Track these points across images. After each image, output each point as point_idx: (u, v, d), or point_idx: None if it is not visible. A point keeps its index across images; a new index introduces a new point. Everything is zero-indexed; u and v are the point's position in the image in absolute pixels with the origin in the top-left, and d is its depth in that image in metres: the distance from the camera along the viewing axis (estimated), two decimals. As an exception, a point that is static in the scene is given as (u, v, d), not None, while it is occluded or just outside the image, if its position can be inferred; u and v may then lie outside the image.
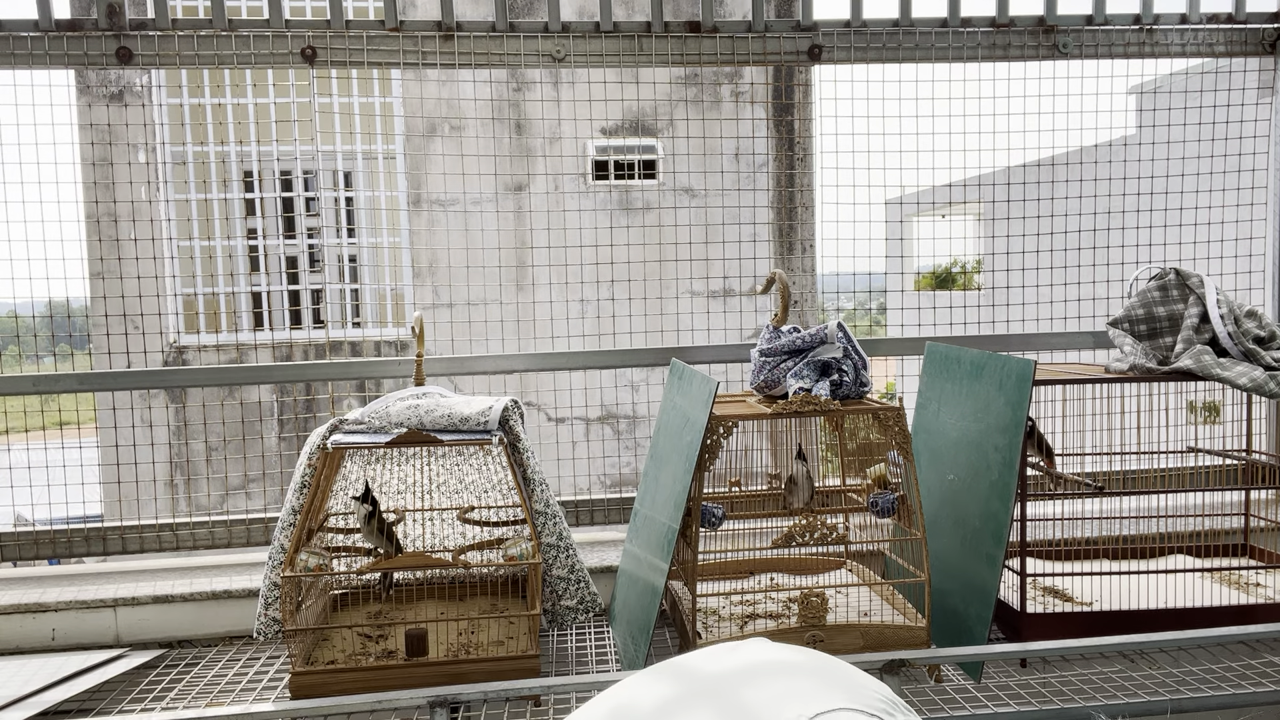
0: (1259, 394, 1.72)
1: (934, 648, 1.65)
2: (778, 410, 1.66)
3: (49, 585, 2.10)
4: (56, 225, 2.23)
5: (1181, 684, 1.59)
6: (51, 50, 2.04)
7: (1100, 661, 1.75)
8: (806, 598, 1.62)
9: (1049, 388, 1.83)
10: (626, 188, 5.53)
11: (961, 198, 2.72)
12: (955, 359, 1.88)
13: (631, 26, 2.19)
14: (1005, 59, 2.31)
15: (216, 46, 2.07)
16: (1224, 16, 2.33)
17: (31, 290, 2.31)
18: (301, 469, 1.75)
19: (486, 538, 1.97)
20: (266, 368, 2.26)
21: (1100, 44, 2.31)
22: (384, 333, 5.36)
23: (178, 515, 2.31)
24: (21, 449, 2.33)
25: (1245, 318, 1.87)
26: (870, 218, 2.41)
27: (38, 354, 2.64)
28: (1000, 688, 1.61)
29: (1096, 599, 1.88)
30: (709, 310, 3.06)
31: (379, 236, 5.63)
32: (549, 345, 2.39)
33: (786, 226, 3.24)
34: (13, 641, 1.98)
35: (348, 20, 2.11)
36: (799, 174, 3.25)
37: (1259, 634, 1.67)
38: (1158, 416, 1.98)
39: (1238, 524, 2.13)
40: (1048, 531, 2.16)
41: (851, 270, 2.54)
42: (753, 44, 2.22)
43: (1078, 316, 2.45)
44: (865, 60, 2.27)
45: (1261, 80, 2.41)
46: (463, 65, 2.16)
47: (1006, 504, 1.59)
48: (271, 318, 5.20)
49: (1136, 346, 1.92)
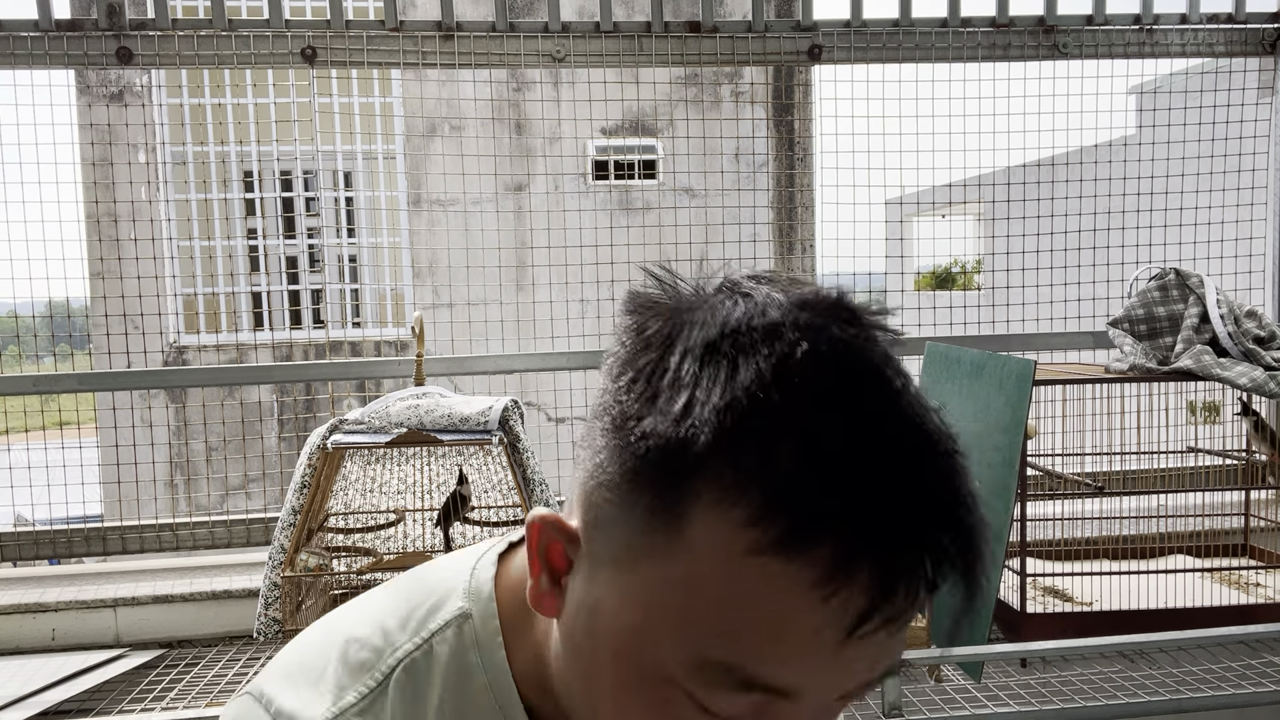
0: (1259, 394, 1.72)
1: (934, 648, 1.65)
2: (778, 410, 1.65)
3: (49, 585, 2.10)
4: (56, 225, 2.23)
5: (1181, 684, 1.59)
6: (51, 50, 2.04)
7: (1100, 661, 1.75)
8: (806, 598, 1.62)
9: (1049, 388, 1.83)
10: (626, 188, 5.52)
11: (961, 198, 2.72)
12: (955, 359, 1.88)
13: (631, 26, 2.19)
14: (1005, 59, 2.31)
15: (216, 46, 2.07)
16: (1224, 16, 2.33)
17: (31, 290, 2.31)
18: (301, 469, 1.75)
19: (486, 537, 1.96)
20: (266, 368, 2.26)
21: (1100, 44, 2.31)
22: (384, 333, 5.36)
23: (178, 515, 2.31)
24: (21, 449, 2.33)
25: (1245, 318, 1.87)
26: (870, 218, 2.41)
27: (38, 354, 2.64)
28: (1000, 688, 1.61)
29: (1096, 599, 1.88)
30: (709, 310, 3.07)
31: (379, 236, 5.62)
32: (549, 345, 2.39)
33: (786, 226, 3.24)
34: (13, 641, 1.98)
35: (348, 20, 2.11)
36: (799, 174, 3.25)
37: (1259, 634, 1.67)
38: (1158, 416, 1.98)
39: (1238, 524, 2.13)
40: (1048, 531, 2.16)
41: (851, 270, 2.54)
42: (753, 44, 2.22)
43: (1078, 316, 2.45)
44: (865, 60, 2.27)
45: (1261, 80, 2.41)
46: (463, 65, 2.16)
47: (1006, 504, 1.59)
48: (271, 318, 5.20)
49: (1136, 346, 1.92)
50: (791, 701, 0.47)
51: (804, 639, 0.44)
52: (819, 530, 0.43)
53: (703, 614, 0.45)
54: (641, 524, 0.47)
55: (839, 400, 0.45)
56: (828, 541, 0.43)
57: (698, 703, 0.47)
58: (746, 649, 0.45)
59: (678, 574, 0.46)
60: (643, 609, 0.48)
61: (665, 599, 0.47)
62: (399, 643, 0.58)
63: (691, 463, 0.45)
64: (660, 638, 0.47)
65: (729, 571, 0.44)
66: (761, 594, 0.44)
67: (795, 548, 0.43)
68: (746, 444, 0.44)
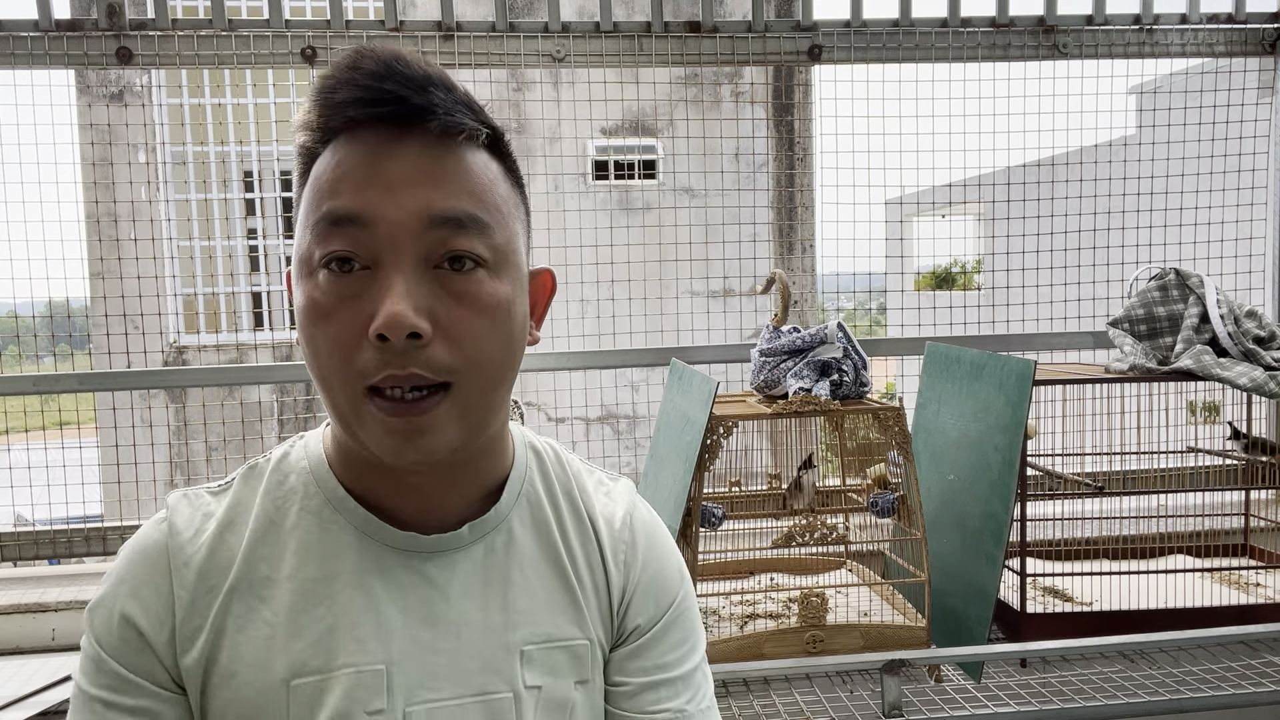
0: (1259, 394, 1.72)
1: (934, 648, 1.65)
2: (778, 410, 1.65)
3: (49, 585, 2.10)
4: (56, 225, 2.23)
5: (1181, 684, 1.59)
6: (51, 50, 2.04)
7: (1100, 661, 1.75)
8: (806, 598, 1.62)
9: (1049, 388, 1.83)
10: (626, 188, 5.52)
11: (961, 198, 2.72)
12: (955, 359, 1.87)
13: (631, 26, 2.19)
14: (1005, 59, 2.31)
15: (216, 46, 2.07)
16: (1224, 16, 2.33)
17: (31, 290, 2.31)
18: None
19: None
20: (266, 368, 2.26)
21: (1100, 44, 2.31)
22: (384, 333, 5.35)
23: (178, 515, 2.30)
24: (21, 449, 2.33)
25: (1245, 318, 1.87)
26: (870, 218, 2.41)
27: (38, 354, 2.64)
28: (1000, 688, 1.61)
29: (1096, 599, 1.88)
30: (709, 310, 3.06)
31: (379, 236, 5.61)
32: (549, 345, 2.39)
33: (786, 226, 3.24)
34: (13, 641, 1.98)
35: (348, 20, 2.11)
36: (799, 174, 3.25)
37: (1259, 634, 1.67)
38: (1158, 416, 1.98)
39: (1238, 524, 2.13)
40: (1048, 531, 2.16)
41: (851, 270, 2.54)
42: (753, 44, 2.22)
43: (1078, 316, 2.45)
44: (865, 60, 2.27)
45: (1261, 80, 2.41)
46: (463, 65, 2.16)
47: (1006, 504, 1.59)
48: (271, 318, 5.20)
49: (1136, 346, 1.92)
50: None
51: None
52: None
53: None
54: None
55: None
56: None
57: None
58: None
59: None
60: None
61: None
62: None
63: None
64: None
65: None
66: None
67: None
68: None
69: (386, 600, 0.77)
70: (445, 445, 0.73)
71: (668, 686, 0.86)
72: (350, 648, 0.75)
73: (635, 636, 0.86)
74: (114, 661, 0.74)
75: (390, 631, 0.76)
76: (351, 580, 0.77)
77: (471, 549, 0.81)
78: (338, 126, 0.72)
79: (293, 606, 0.76)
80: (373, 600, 0.77)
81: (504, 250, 0.75)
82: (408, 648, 0.77)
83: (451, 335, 0.71)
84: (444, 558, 0.79)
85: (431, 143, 0.72)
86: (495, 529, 0.82)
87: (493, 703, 0.78)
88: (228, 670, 0.74)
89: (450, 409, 0.72)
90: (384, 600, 0.77)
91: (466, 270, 0.72)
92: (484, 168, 0.75)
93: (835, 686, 1.61)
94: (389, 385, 0.70)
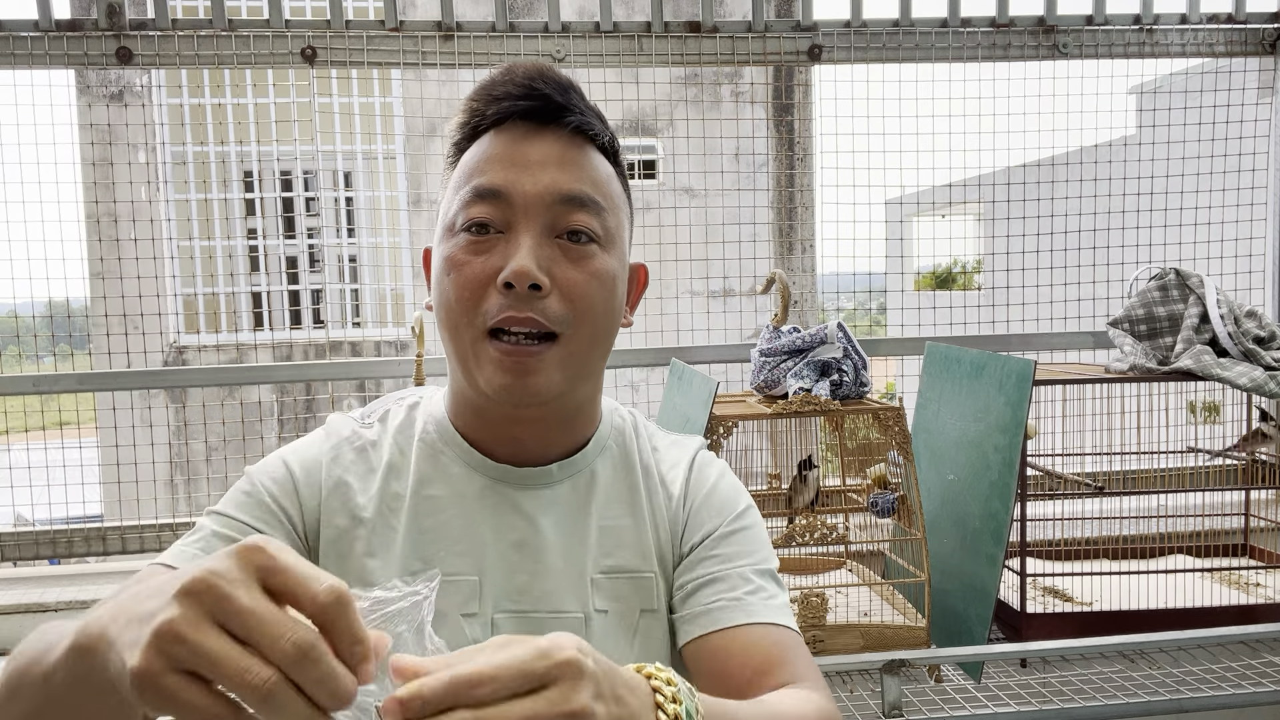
0: (1259, 394, 1.72)
1: (934, 648, 1.65)
2: (778, 410, 1.65)
3: (49, 585, 2.10)
4: (56, 225, 2.23)
5: (1181, 684, 1.59)
6: (51, 50, 2.04)
7: (1100, 661, 1.75)
8: (806, 597, 1.62)
9: (1049, 388, 1.83)
10: (626, 188, 5.51)
11: (961, 198, 2.72)
12: (955, 359, 1.87)
13: (631, 26, 2.19)
14: (1005, 59, 2.31)
15: (216, 46, 2.07)
16: (1224, 16, 2.33)
17: (31, 290, 2.31)
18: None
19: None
20: (266, 368, 2.26)
21: (1100, 44, 2.31)
22: (384, 333, 5.35)
23: (178, 515, 2.30)
24: (21, 449, 2.33)
25: (1245, 318, 1.86)
26: (870, 218, 2.40)
27: (38, 354, 2.64)
28: (1000, 688, 1.61)
29: (1097, 599, 1.88)
30: (709, 310, 3.05)
31: (379, 236, 5.62)
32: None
33: (786, 226, 3.23)
34: (13, 641, 1.98)
35: (348, 20, 2.11)
36: (799, 174, 3.25)
37: (1259, 634, 1.67)
38: (1158, 416, 1.98)
39: (1238, 524, 2.13)
40: (1048, 531, 2.16)
41: (851, 270, 2.54)
42: (753, 44, 2.22)
43: (1078, 316, 2.45)
44: (865, 60, 2.26)
45: (1261, 80, 2.41)
46: (463, 65, 2.16)
47: (1006, 504, 1.59)
48: (271, 318, 5.20)
49: (1136, 346, 1.92)
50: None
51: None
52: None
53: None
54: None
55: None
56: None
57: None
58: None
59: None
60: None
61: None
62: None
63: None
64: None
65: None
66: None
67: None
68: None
69: (482, 522, 0.91)
70: (549, 389, 0.85)
71: (724, 581, 0.91)
72: (451, 560, 0.89)
73: (696, 549, 0.95)
74: (266, 494, 0.89)
75: (483, 548, 0.90)
76: (455, 502, 0.91)
77: (558, 486, 0.93)
78: (491, 118, 0.88)
79: (410, 520, 0.90)
80: (471, 521, 0.91)
81: (614, 233, 0.89)
82: (498, 564, 0.90)
83: (565, 292, 0.84)
84: (535, 492, 0.92)
85: (565, 138, 0.87)
86: (580, 471, 0.95)
87: (566, 620, 0.89)
88: (348, 551, 0.88)
89: (556, 356, 0.85)
90: (480, 522, 0.91)
91: (583, 243, 0.86)
92: (603, 165, 0.90)
93: (835, 686, 1.60)
94: (508, 326, 0.82)
